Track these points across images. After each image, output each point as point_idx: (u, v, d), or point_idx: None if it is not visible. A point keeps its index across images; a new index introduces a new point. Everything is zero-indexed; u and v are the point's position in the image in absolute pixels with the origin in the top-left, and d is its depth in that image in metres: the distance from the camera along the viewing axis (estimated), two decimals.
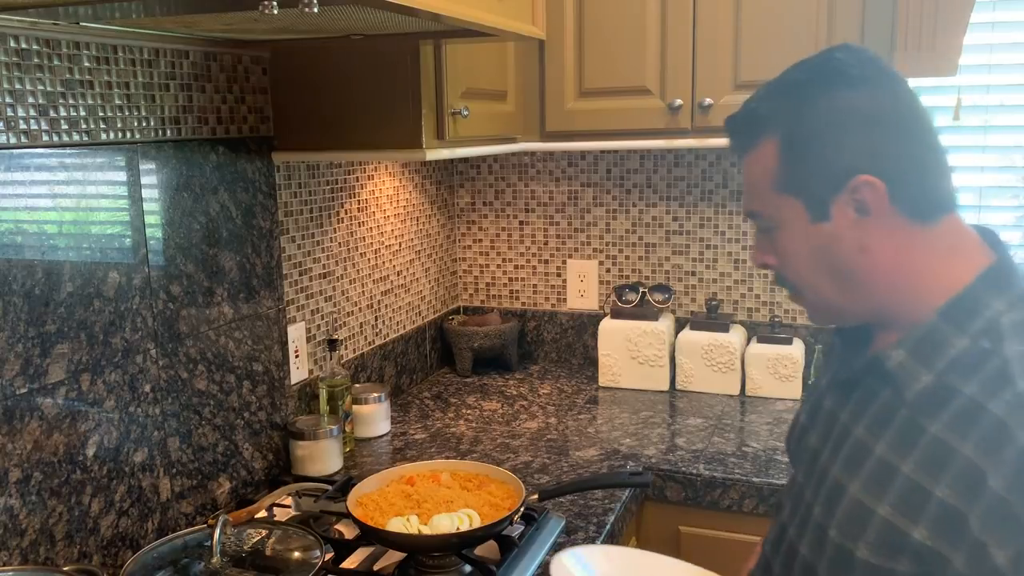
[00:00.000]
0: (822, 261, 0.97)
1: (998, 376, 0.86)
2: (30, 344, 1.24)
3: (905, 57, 1.81)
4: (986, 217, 2.17)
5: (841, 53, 0.97)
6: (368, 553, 1.44)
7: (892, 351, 0.94)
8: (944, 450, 0.86)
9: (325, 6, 1.03)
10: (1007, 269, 0.94)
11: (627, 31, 1.99)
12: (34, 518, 1.26)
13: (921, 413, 0.90)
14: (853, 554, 0.92)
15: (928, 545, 0.85)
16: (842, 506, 0.94)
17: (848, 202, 0.93)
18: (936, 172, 0.96)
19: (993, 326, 0.89)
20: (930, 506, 0.86)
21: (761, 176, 0.98)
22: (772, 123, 0.97)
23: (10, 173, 1.22)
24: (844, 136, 0.93)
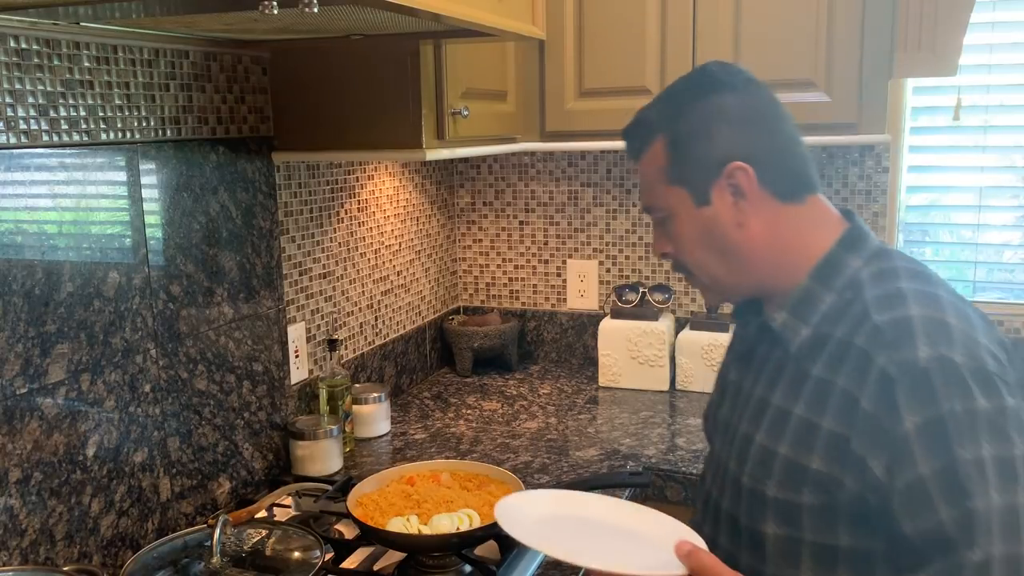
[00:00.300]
0: (708, 241, 1.12)
1: (860, 316, 1.02)
2: (30, 344, 1.24)
3: (905, 57, 1.81)
4: (986, 217, 2.18)
5: (713, 66, 1.15)
6: (368, 553, 1.44)
7: (775, 313, 1.11)
8: (825, 387, 1.01)
9: (325, 6, 1.03)
10: (859, 233, 1.11)
11: (627, 31, 2.00)
12: (34, 518, 1.26)
13: (804, 360, 1.06)
14: (765, 494, 1.05)
15: (823, 472, 0.99)
16: (750, 455, 1.08)
17: (725, 187, 1.09)
18: (797, 159, 1.12)
19: (853, 280, 1.06)
20: (820, 437, 1.00)
21: (654, 173, 1.14)
22: (659, 126, 1.13)
23: (10, 173, 1.22)
24: (717, 131, 1.09)
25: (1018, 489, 0.89)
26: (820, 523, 1.01)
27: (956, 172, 2.20)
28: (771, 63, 1.91)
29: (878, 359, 0.97)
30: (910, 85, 2.16)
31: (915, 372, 0.94)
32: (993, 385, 0.94)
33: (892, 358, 0.96)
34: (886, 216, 2.21)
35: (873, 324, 1.00)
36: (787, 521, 1.04)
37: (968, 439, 0.91)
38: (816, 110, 1.89)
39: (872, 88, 1.85)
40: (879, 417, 0.95)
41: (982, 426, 0.91)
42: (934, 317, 0.98)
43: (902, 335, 0.97)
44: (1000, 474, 0.90)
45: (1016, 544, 0.88)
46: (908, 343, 0.96)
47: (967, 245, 2.21)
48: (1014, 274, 2.18)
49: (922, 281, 1.04)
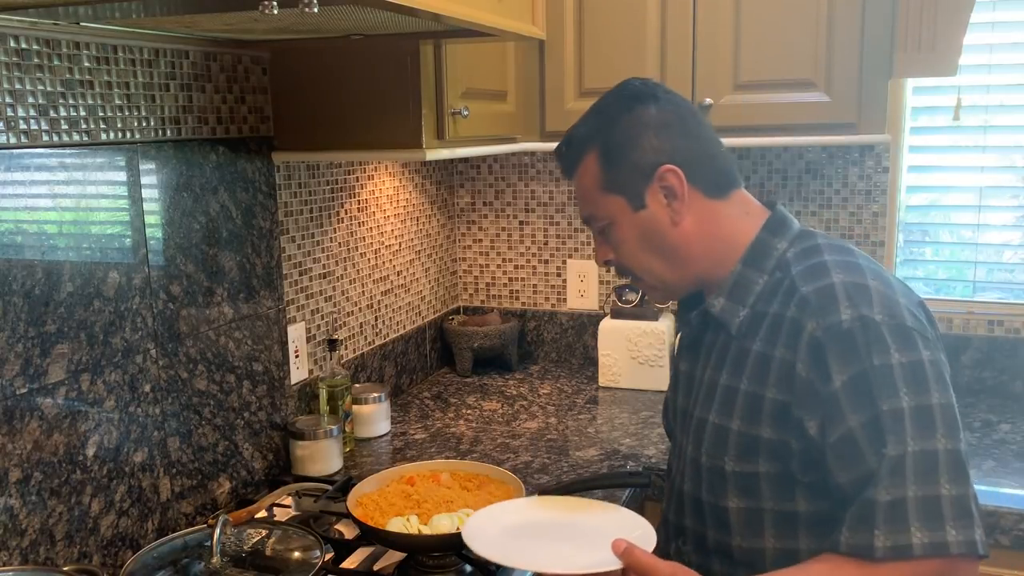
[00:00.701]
0: (648, 242, 1.20)
1: (789, 290, 1.11)
2: (30, 344, 1.24)
3: (905, 57, 1.81)
4: (986, 217, 2.17)
5: (634, 82, 1.24)
6: (368, 553, 1.44)
7: (714, 300, 1.19)
8: (764, 360, 1.10)
9: (325, 6, 1.03)
10: (780, 218, 1.21)
11: (627, 31, 1.99)
12: (34, 518, 1.26)
13: (745, 339, 1.14)
14: (723, 469, 1.13)
15: (774, 439, 1.08)
16: (706, 435, 1.16)
17: (658, 189, 1.18)
18: (719, 159, 1.22)
19: (781, 261, 1.16)
20: (766, 407, 1.08)
21: (589, 184, 1.22)
22: (589, 140, 1.21)
23: (10, 173, 1.22)
24: (645, 139, 1.18)
25: (936, 436, 0.98)
26: (778, 491, 1.09)
27: (956, 172, 2.20)
28: (771, 63, 1.91)
29: (808, 325, 1.05)
30: (910, 85, 2.16)
31: (840, 333, 1.03)
32: (911, 339, 1.02)
33: (819, 323, 1.04)
34: (886, 216, 2.21)
35: (801, 295, 1.08)
36: (747, 493, 1.12)
37: (888, 391, 0.99)
38: (816, 110, 1.89)
39: (872, 88, 1.85)
40: (812, 380, 1.04)
41: (900, 378, 1.00)
42: (854, 282, 1.07)
43: (826, 301, 1.05)
44: (917, 422, 0.98)
45: (929, 485, 0.97)
46: (832, 307, 1.04)
47: (967, 245, 2.21)
48: (1014, 274, 2.18)
49: (842, 253, 1.13)
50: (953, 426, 1.00)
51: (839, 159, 2.23)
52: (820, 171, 2.25)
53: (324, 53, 1.67)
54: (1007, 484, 1.69)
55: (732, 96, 1.94)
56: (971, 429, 1.95)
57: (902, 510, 0.96)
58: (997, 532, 1.59)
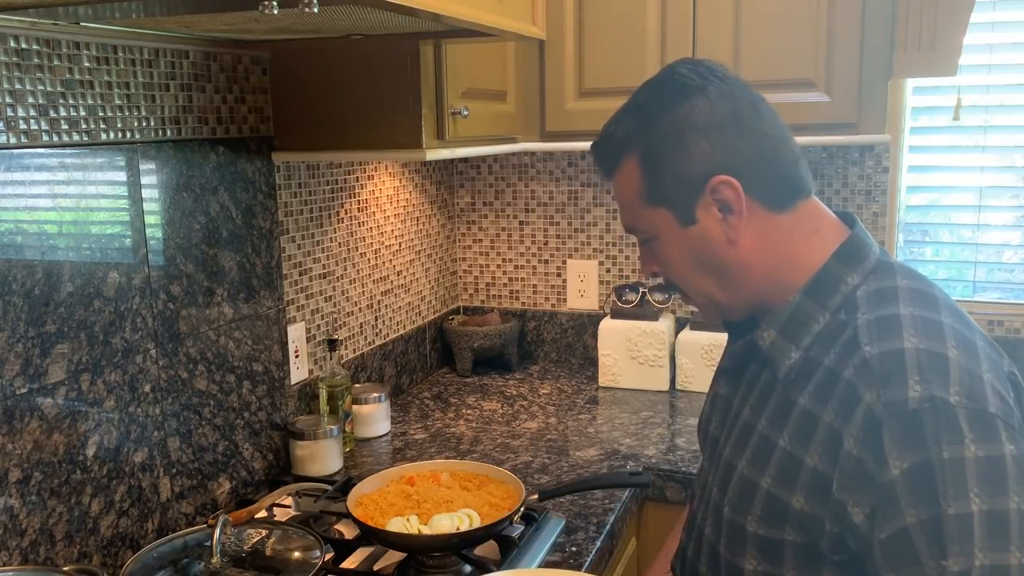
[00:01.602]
0: (699, 261, 1.04)
1: (850, 343, 0.93)
2: (30, 344, 1.24)
3: (905, 57, 1.81)
4: (986, 217, 2.18)
5: (681, 67, 1.04)
6: (368, 553, 1.44)
7: (764, 332, 1.02)
8: (810, 420, 0.93)
9: (325, 6, 1.03)
10: (858, 244, 1.01)
11: (627, 31, 2.00)
12: (34, 518, 1.26)
13: (791, 388, 0.97)
14: (745, 528, 0.98)
15: (806, 511, 0.92)
16: (732, 484, 1.01)
17: (710, 203, 1.00)
18: (785, 162, 1.02)
19: (849, 299, 0.97)
20: (803, 474, 0.92)
21: (630, 194, 1.05)
22: (628, 143, 1.03)
23: (10, 173, 1.22)
24: (692, 144, 0.99)
25: (1010, 548, 0.81)
26: (803, 562, 0.95)
27: (956, 172, 2.20)
28: (771, 63, 1.91)
29: (865, 396, 0.88)
30: (910, 85, 2.16)
31: (904, 414, 0.85)
32: (993, 429, 0.84)
33: (880, 397, 0.87)
34: (886, 216, 2.21)
35: (862, 356, 0.90)
36: (768, 558, 0.97)
37: (957, 491, 0.82)
38: (816, 110, 1.89)
39: (872, 88, 1.85)
40: (863, 461, 0.87)
41: (973, 476, 0.82)
42: (930, 350, 0.88)
43: (892, 371, 0.88)
44: (989, 531, 0.81)
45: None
46: (898, 381, 0.87)
47: (967, 245, 2.21)
48: (1014, 274, 2.18)
49: (923, 305, 0.94)
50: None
51: (839, 159, 2.23)
52: (820, 171, 2.25)
53: (324, 53, 1.67)
54: None
55: None
56: None
57: None
58: None
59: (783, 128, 1.04)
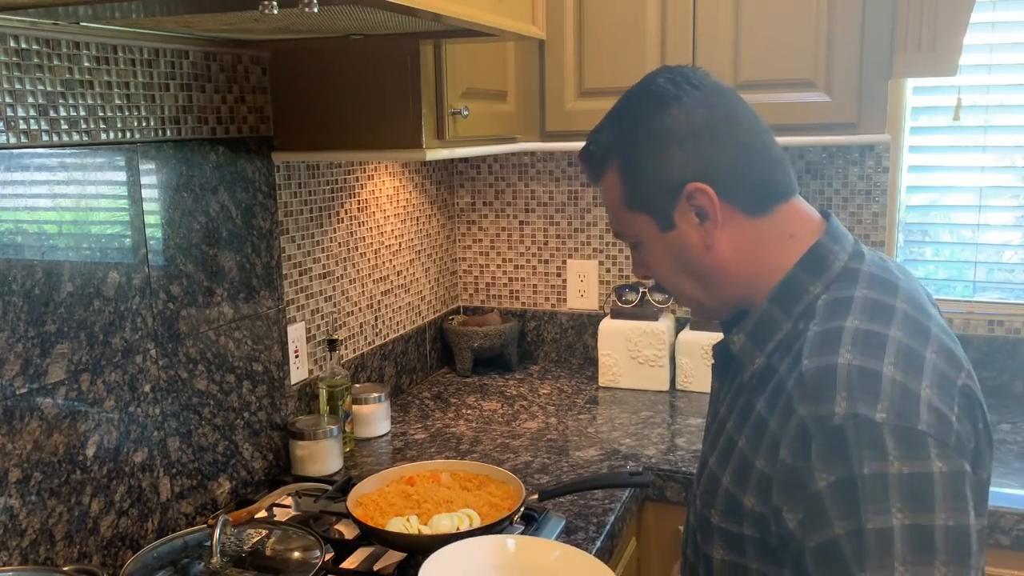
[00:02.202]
0: (680, 265, 1.06)
1: (797, 355, 0.94)
2: (30, 344, 1.24)
3: (905, 57, 1.81)
4: (986, 217, 2.17)
5: (661, 77, 1.06)
6: (368, 553, 1.44)
7: (736, 336, 1.05)
8: (761, 424, 0.96)
9: (325, 6, 1.03)
10: (823, 252, 1.01)
11: (627, 31, 2.00)
12: (34, 518, 1.26)
13: (753, 392, 1.00)
14: (710, 521, 1.03)
15: (756, 510, 0.95)
16: (704, 478, 1.06)
17: (687, 209, 1.02)
18: (761, 168, 1.03)
19: (809, 308, 0.98)
20: (753, 476, 0.95)
21: (614, 199, 1.08)
22: (610, 152, 1.07)
23: (10, 173, 1.22)
24: (667, 152, 1.01)
25: (935, 563, 0.81)
26: (764, 555, 0.97)
27: (956, 172, 2.20)
28: (771, 63, 1.91)
29: (799, 410, 0.90)
30: (910, 85, 2.16)
31: (829, 429, 0.86)
32: (921, 446, 0.84)
33: (810, 411, 0.88)
34: (886, 216, 2.21)
35: (800, 370, 0.92)
36: (733, 549, 1.01)
37: (877, 506, 0.83)
38: (816, 110, 1.89)
39: (872, 88, 1.85)
40: (797, 470, 0.89)
41: (896, 492, 0.83)
42: (863, 367, 0.88)
43: (824, 386, 0.89)
44: (912, 546, 0.81)
45: None
46: (828, 396, 0.88)
47: (967, 245, 2.21)
48: (1014, 274, 2.18)
49: (874, 317, 0.93)
50: (962, 553, 0.82)
51: (839, 159, 2.23)
52: (820, 171, 2.25)
53: (324, 53, 1.67)
54: (1007, 484, 1.69)
55: None
56: None
57: None
58: (997, 532, 1.59)
59: (763, 133, 1.05)
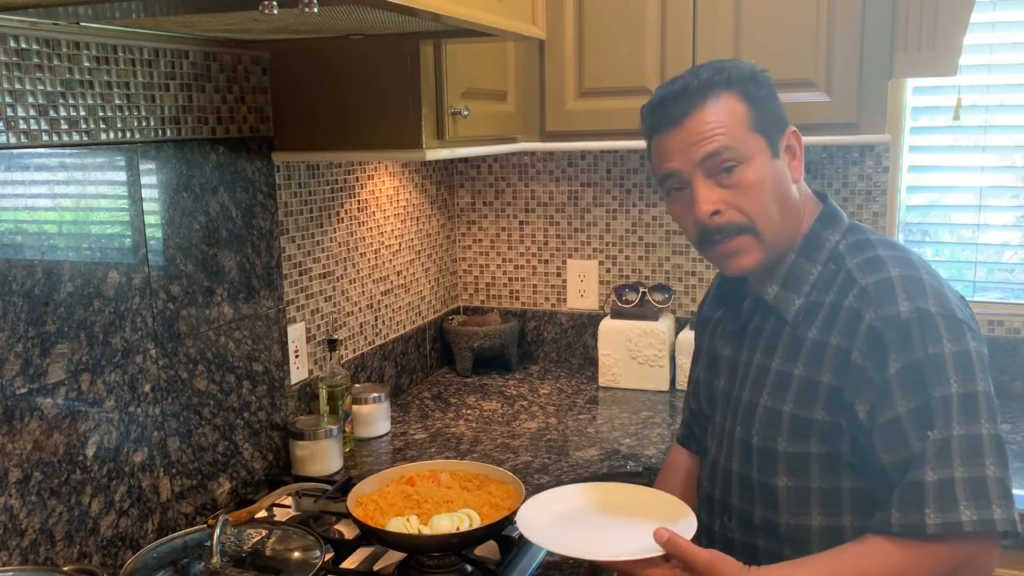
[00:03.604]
0: (776, 190, 1.20)
1: (846, 282, 1.16)
2: (30, 344, 1.24)
3: (905, 57, 1.81)
4: (986, 217, 2.18)
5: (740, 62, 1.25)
6: (368, 553, 1.44)
7: (768, 288, 1.23)
8: (820, 347, 1.15)
9: (325, 6, 1.03)
10: (833, 211, 1.26)
11: (627, 31, 1.99)
12: (34, 518, 1.26)
13: (799, 327, 1.19)
14: (776, 449, 1.18)
15: (827, 421, 1.14)
16: (757, 417, 1.21)
17: (786, 146, 1.22)
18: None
19: (834, 253, 1.21)
20: (820, 391, 1.14)
21: (733, 119, 1.19)
22: (730, 84, 1.20)
23: (10, 173, 1.22)
24: (776, 99, 1.23)
25: (980, 421, 1.05)
26: (826, 470, 1.15)
27: (956, 172, 2.20)
28: (771, 63, 1.88)
29: (866, 315, 1.11)
30: (910, 85, 2.16)
31: (898, 323, 1.08)
32: (961, 330, 1.08)
33: (878, 313, 1.10)
34: (886, 216, 2.21)
35: (860, 287, 1.14)
36: (797, 472, 1.17)
37: (939, 379, 1.06)
38: (816, 110, 1.89)
39: (872, 88, 1.85)
40: (866, 367, 1.09)
41: (951, 367, 1.06)
42: (910, 276, 1.12)
43: (885, 293, 1.11)
44: (963, 408, 1.05)
45: (976, 467, 1.03)
46: (891, 299, 1.10)
47: (967, 245, 2.21)
48: (1014, 274, 2.18)
49: (893, 248, 1.19)
50: (994, 412, 1.07)
51: (839, 159, 2.23)
52: (820, 171, 2.25)
53: (324, 53, 1.67)
54: None
55: None
56: None
57: (950, 490, 1.02)
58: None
59: None
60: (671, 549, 1.08)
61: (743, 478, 1.24)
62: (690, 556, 1.07)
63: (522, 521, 1.25)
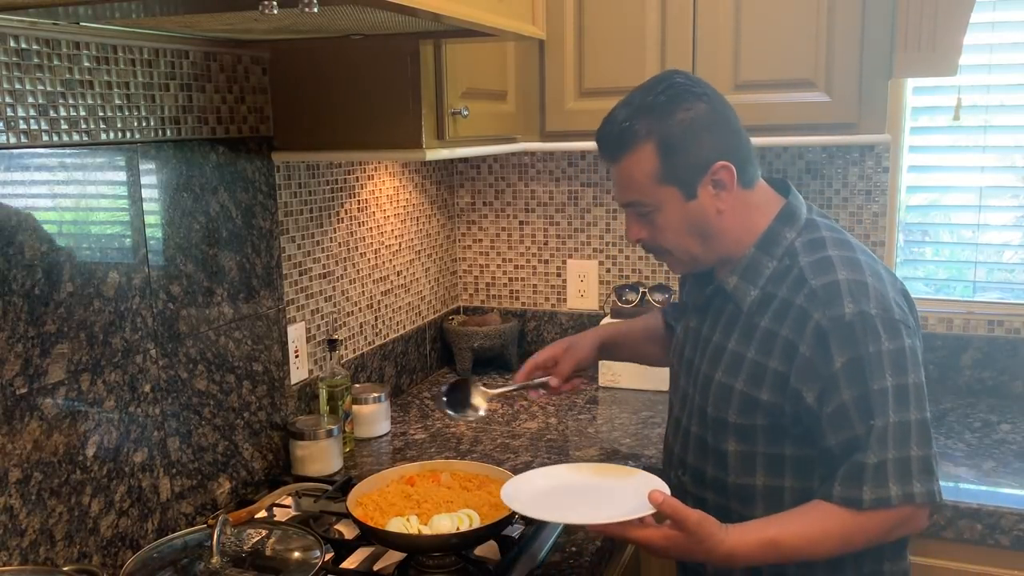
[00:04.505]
0: (689, 227, 1.33)
1: (798, 280, 1.28)
2: (30, 344, 1.24)
3: (905, 57, 1.81)
4: (986, 217, 2.18)
5: (679, 78, 1.33)
6: (368, 553, 1.44)
7: (728, 278, 1.35)
8: (771, 336, 1.28)
9: (325, 6, 1.03)
10: (792, 209, 1.35)
11: (627, 31, 1.99)
12: (34, 518, 1.26)
13: (754, 315, 1.31)
14: (727, 420, 1.32)
15: (772, 401, 1.27)
16: (712, 390, 1.34)
17: (709, 183, 1.30)
18: (751, 151, 1.35)
19: (789, 249, 1.32)
20: (768, 375, 1.27)
21: (642, 174, 1.31)
22: (648, 134, 1.29)
23: (10, 173, 1.22)
24: (702, 138, 1.29)
25: (910, 409, 1.20)
26: (771, 439, 1.29)
27: (956, 172, 2.20)
28: (771, 63, 1.91)
29: (814, 315, 1.23)
30: (910, 85, 2.16)
31: (842, 324, 1.21)
32: (898, 329, 1.22)
33: (825, 314, 1.22)
34: (886, 216, 2.21)
35: (810, 287, 1.25)
36: (745, 439, 1.31)
37: (877, 374, 1.20)
38: (816, 110, 1.89)
39: (872, 88, 1.85)
40: (814, 360, 1.22)
41: (887, 363, 1.20)
42: (856, 279, 1.24)
43: (832, 296, 1.23)
44: (897, 398, 1.20)
45: (903, 448, 1.19)
46: (837, 302, 1.22)
47: (967, 245, 2.21)
48: (1014, 274, 2.18)
49: (843, 248, 1.30)
50: (922, 399, 1.22)
51: (839, 159, 2.23)
52: (820, 171, 2.25)
53: (324, 53, 1.67)
54: (1007, 484, 1.69)
55: (732, 96, 1.91)
56: (971, 429, 1.95)
57: (883, 470, 1.19)
58: (997, 532, 1.59)
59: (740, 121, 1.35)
60: (666, 509, 1.19)
61: (699, 439, 1.38)
62: (682, 515, 1.18)
63: (507, 495, 1.31)
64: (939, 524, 1.62)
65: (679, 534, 1.19)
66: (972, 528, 1.60)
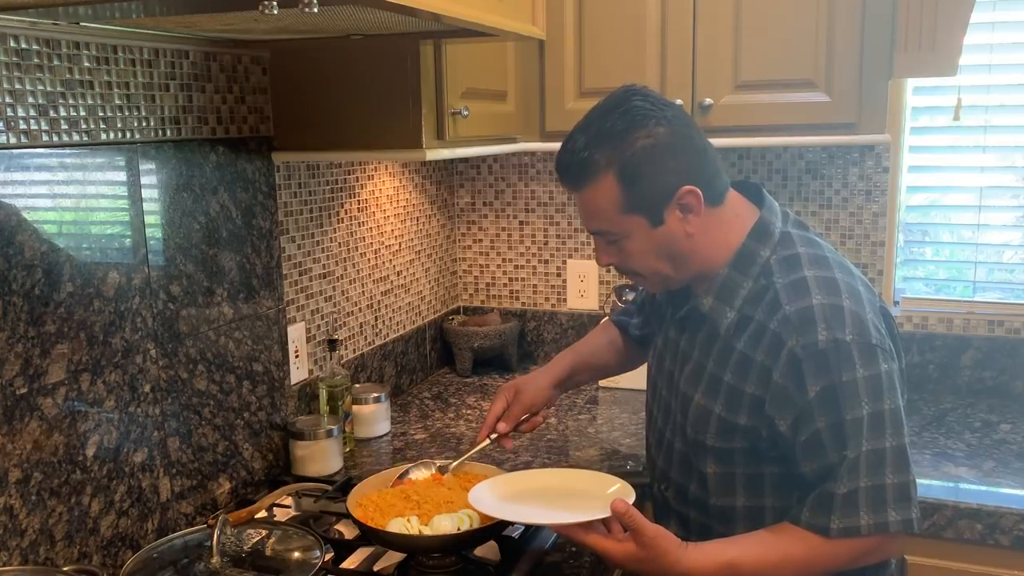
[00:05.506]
0: (660, 252, 1.29)
1: (772, 303, 1.24)
2: (30, 344, 1.24)
3: (905, 57, 1.81)
4: (986, 217, 2.18)
5: (638, 100, 1.26)
6: (368, 553, 1.44)
7: (704, 298, 1.32)
8: (747, 360, 1.25)
9: (325, 6, 1.03)
10: (763, 224, 1.31)
11: (627, 31, 1.99)
12: (34, 518, 1.26)
13: (731, 339, 1.28)
14: (705, 443, 1.31)
15: (749, 425, 1.25)
16: (691, 411, 1.33)
17: (676, 207, 1.26)
18: (717, 166, 1.30)
19: (765, 268, 1.28)
20: (744, 400, 1.25)
21: (606, 204, 1.26)
22: (608, 164, 1.24)
23: (10, 173, 1.22)
24: (663, 164, 1.24)
25: (885, 435, 1.17)
26: (750, 460, 1.28)
27: (956, 172, 2.20)
28: (771, 63, 1.91)
29: (788, 342, 1.20)
30: (910, 85, 2.16)
31: (816, 352, 1.18)
32: (874, 355, 1.19)
33: (799, 341, 1.19)
34: (886, 216, 2.21)
35: (784, 313, 1.22)
36: (723, 461, 1.30)
37: (852, 402, 1.17)
38: (816, 110, 1.89)
39: (872, 88, 1.85)
40: (787, 388, 1.20)
41: (862, 391, 1.17)
42: (830, 304, 1.21)
43: (806, 322, 1.20)
44: (871, 427, 1.17)
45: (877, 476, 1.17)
46: (811, 329, 1.19)
47: (967, 245, 2.21)
48: (1014, 274, 2.18)
49: (819, 266, 1.26)
50: (898, 424, 1.19)
51: (839, 159, 2.23)
52: (820, 171, 2.25)
53: (324, 53, 1.67)
54: (1007, 484, 1.69)
55: (732, 96, 1.94)
56: (971, 429, 1.95)
57: (854, 499, 1.16)
58: (997, 532, 1.59)
59: (707, 141, 1.30)
60: (624, 518, 1.18)
61: (683, 456, 1.37)
62: (639, 527, 1.18)
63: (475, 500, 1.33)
64: (939, 524, 1.62)
65: (634, 547, 1.18)
66: (972, 528, 1.61)
